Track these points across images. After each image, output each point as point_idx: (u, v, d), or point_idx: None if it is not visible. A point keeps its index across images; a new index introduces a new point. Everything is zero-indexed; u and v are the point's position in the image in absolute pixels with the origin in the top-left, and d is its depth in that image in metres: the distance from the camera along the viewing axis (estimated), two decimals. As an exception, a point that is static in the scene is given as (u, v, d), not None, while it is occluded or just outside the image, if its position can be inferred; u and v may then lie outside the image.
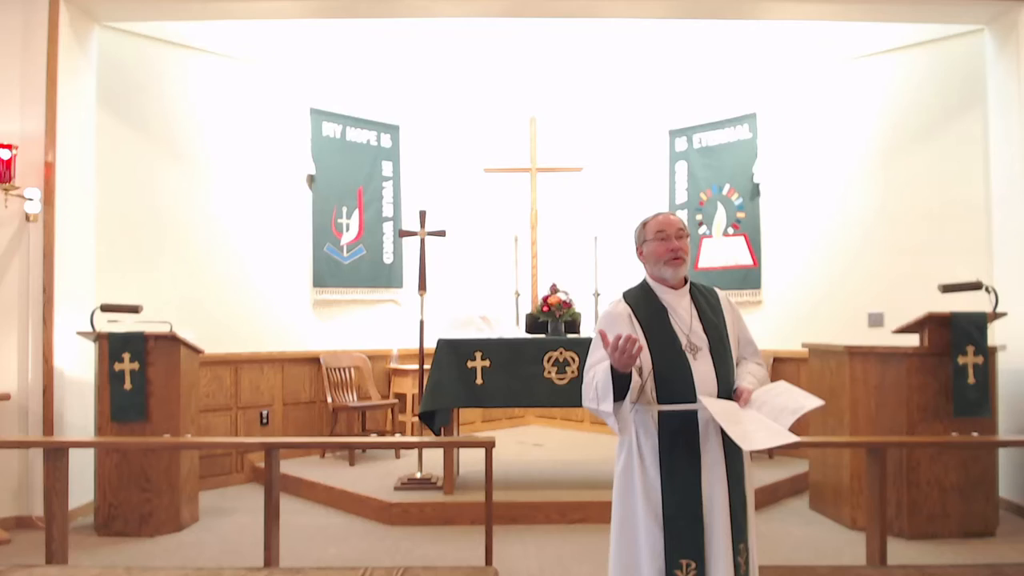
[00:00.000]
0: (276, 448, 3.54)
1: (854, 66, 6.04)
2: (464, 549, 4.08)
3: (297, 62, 6.36)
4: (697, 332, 2.34)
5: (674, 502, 2.25)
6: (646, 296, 2.42)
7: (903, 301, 5.36)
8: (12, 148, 4.49)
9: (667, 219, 2.41)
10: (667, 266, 2.37)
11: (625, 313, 2.37)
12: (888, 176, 5.85)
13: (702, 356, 2.31)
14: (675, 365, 2.29)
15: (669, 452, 2.28)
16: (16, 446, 4.44)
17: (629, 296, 2.43)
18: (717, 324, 2.38)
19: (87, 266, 5.01)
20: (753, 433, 2.16)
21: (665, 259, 2.37)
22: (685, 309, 2.38)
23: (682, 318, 2.36)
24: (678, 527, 2.25)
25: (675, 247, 2.36)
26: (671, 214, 2.46)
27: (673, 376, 2.28)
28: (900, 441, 4.18)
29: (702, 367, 2.29)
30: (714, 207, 6.80)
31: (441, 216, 6.66)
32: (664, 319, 2.35)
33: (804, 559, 3.88)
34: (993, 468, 4.41)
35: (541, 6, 5.10)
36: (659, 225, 2.40)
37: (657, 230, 2.39)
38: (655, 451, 2.28)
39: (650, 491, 2.28)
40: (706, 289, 2.48)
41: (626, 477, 2.34)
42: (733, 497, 2.30)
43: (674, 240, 2.36)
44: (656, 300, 2.39)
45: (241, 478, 5.82)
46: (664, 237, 2.37)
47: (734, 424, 2.16)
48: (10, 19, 4.67)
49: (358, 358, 6.61)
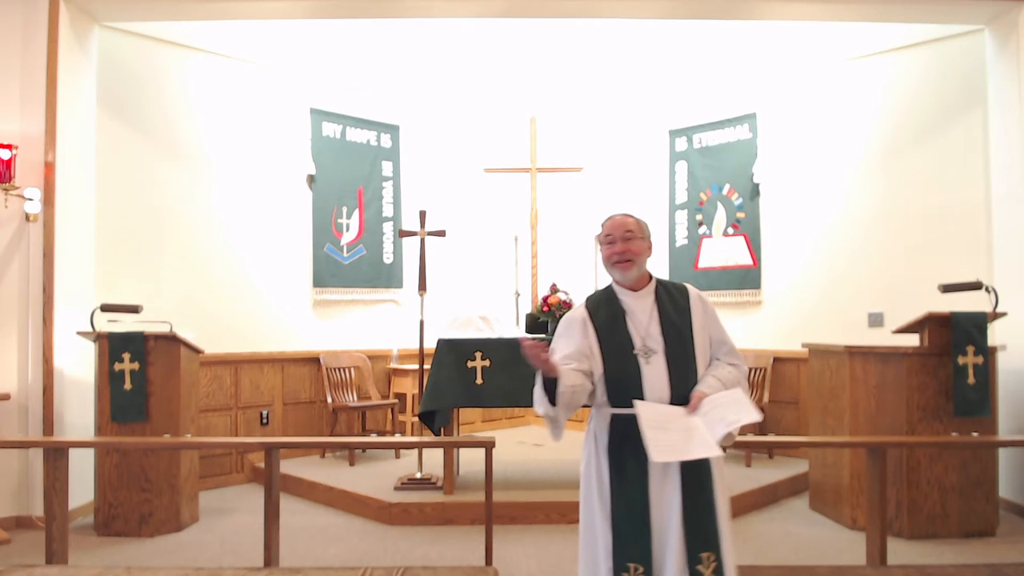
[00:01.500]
0: (276, 448, 3.54)
1: (854, 66, 6.04)
2: (464, 549, 4.08)
3: (297, 62, 6.36)
4: (653, 335, 2.33)
5: (622, 504, 2.26)
6: (607, 300, 2.43)
7: (903, 301, 5.37)
8: (12, 148, 4.49)
9: (614, 222, 2.41)
10: (614, 269, 2.39)
11: (580, 319, 2.40)
12: (888, 176, 5.85)
13: (656, 360, 2.30)
14: (625, 369, 2.30)
15: (619, 455, 2.30)
16: (16, 446, 4.43)
17: (590, 300, 2.46)
18: (679, 326, 2.35)
19: (87, 266, 5.01)
20: (674, 443, 2.15)
21: (611, 262, 2.39)
22: (645, 311, 2.37)
23: (639, 321, 2.36)
24: (625, 530, 2.25)
25: (618, 250, 2.36)
26: (622, 215, 2.44)
27: (623, 380, 2.30)
28: (900, 441, 4.18)
29: (654, 371, 2.29)
30: (714, 207, 6.80)
31: (441, 216, 6.66)
32: (619, 323, 2.36)
33: (804, 559, 3.88)
34: (993, 468, 4.40)
35: (541, 6, 5.10)
36: (607, 229, 2.41)
37: (605, 234, 2.41)
38: (606, 451, 2.32)
39: (603, 491, 2.31)
40: (676, 288, 2.45)
41: (587, 475, 2.37)
42: (691, 504, 2.24)
43: (619, 243, 2.36)
44: (615, 303, 2.40)
45: (241, 478, 5.82)
46: (611, 240, 2.38)
47: (657, 431, 2.16)
48: (10, 19, 4.67)
49: (358, 358, 6.61)
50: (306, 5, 5.08)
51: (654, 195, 7.18)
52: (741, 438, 5.73)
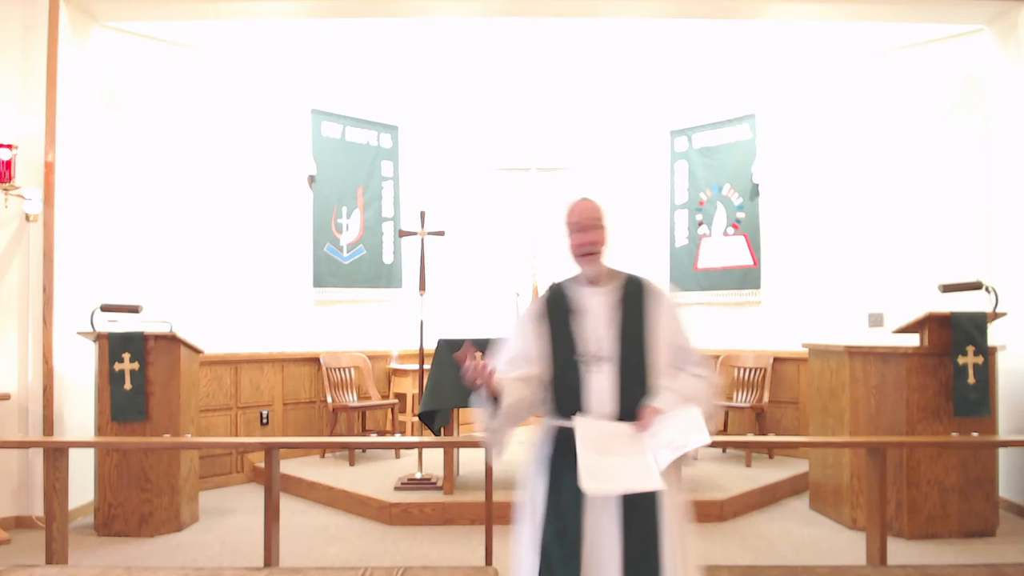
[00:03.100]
0: (276, 448, 3.54)
1: (854, 66, 6.04)
2: (464, 549, 4.08)
3: (297, 62, 6.35)
4: (606, 340, 2.05)
5: (553, 529, 2.01)
6: (565, 293, 2.16)
7: (903, 301, 5.37)
8: (12, 148, 4.49)
9: (580, 207, 2.11)
10: (578, 261, 2.12)
11: (539, 312, 2.14)
12: (888, 176, 5.85)
13: (605, 369, 2.02)
14: (567, 377, 2.04)
15: (556, 471, 2.04)
16: (16, 446, 4.44)
17: (552, 290, 2.19)
18: (638, 331, 2.06)
19: (87, 266, 5.01)
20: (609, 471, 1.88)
21: (575, 254, 2.11)
22: (602, 311, 2.09)
23: (594, 322, 2.07)
24: (553, 557, 1.99)
25: (589, 240, 2.08)
26: (586, 200, 2.13)
27: (564, 390, 2.05)
28: (900, 441, 4.17)
29: (601, 381, 2.01)
30: (714, 207, 6.80)
31: (441, 216, 6.65)
32: (569, 323, 2.09)
33: (804, 559, 3.88)
34: (993, 468, 4.40)
35: (541, 6, 5.10)
36: (571, 215, 2.11)
37: (570, 221, 2.11)
38: (546, 468, 2.09)
39: (536, 511, 2.07)
40: (645, 286, 2.15)
41: (522, 490, 2.15)
42: (632, 539, 1.95)
43: (590, 231, 2.08)
44: (571, 299, 2.13)
45: (241, 478, 5.82)
46: (579, 228, 2.09)
47: (592, 454, 1.90)
48: (10, 19, 4.67)
49: (358, 358, 6.60)
50: (306, 5, 5.08)
51: (654, 195, 7.18)
52: (741, 438, 5.77)
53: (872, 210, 5.92)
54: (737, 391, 6.37)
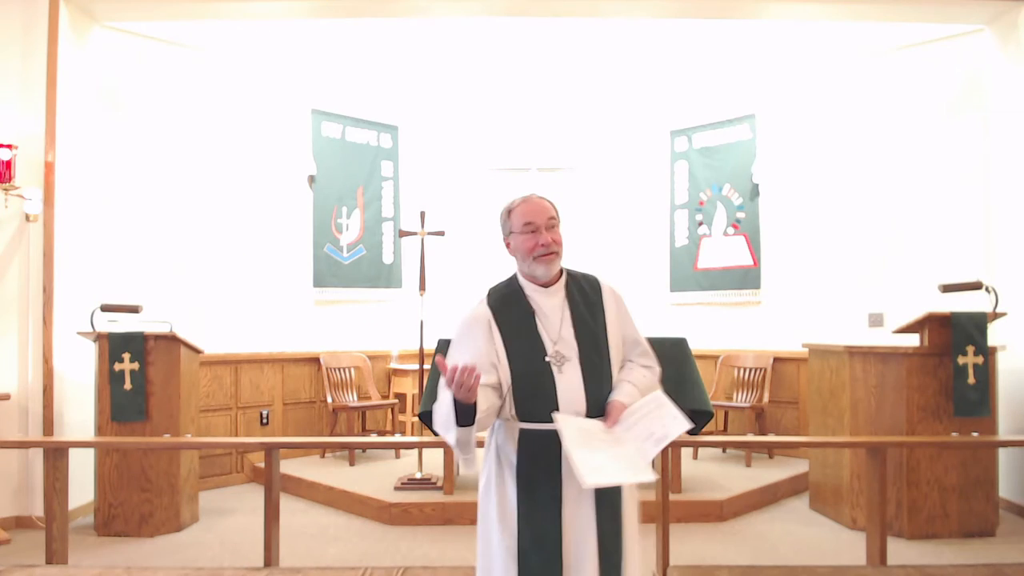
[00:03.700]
0: (276, 448, 3.54)
1: (854, 66, 6.04)
2: (464, 549, 4.07)
3: (297, 62, 6.35)
4: (566, 339, 2.02)
5: (530, 535, 1.95)
6: (513, 296, 2.08)
7: (903, 301, 5.37)
8: (12, 148, 4.49)
9: (534, 206, 2.07)
10: (537, 263, 2.04)
11: (485, 319, 2.04)
12: (888, 176, 5.85)
13: (570, 367, 1.99)
14: (536, 379, 1.98)
15: (528, 477, 1.99)
16: (16, 446, 4.44)
17: (494, 296, 2.10)
18: (593, 327, 2.05)
19: (87, 266, 5.01)
20: (603, 465, 1.86)
21: (535, 255, 2.03)
22: (555, 311, 2.05)
23: (551, 322, 2.03)
24: (532, 564, 1.94)
25: (546, 241, 2.03)
26: (539, 198, 2.10)
27: (534, 392, 1.99)
28: (900, 441, 4.18)
29: (568, 380, 1.98)
30: (714, 207, 6.80)
31: (441, 216, 6.65)
32: (529, 325, 2.03)
33: (804, 559, 3.88)
34: (993, 468, 4.41)
35: (541, 6, 5.10)
36: (525, 215, 2.05)
37: (524, 221, 2.05)
38: (514, 473, 2.00)
39: (508, 519, 1.99)
40: (587, 281, 2.13)
41: (486, 500, 2.05)
42: (606, 533, 1.97)
43: (544, 232, 2.03)
44: (524, 301, 2.06)
45: (241, 478, 5.82)
46: (533, 229, 2.03)
47: (584, 451, 1.87)
48: (10, 19, 4.67)
49: (358, 358, 6.61)
50: (306, 5, 5.08)
51: (654, 195, 7.18)
52: (741, 438, 5.77)
53: (872, 210, 5.92)
54: (737, 391, 6.37)
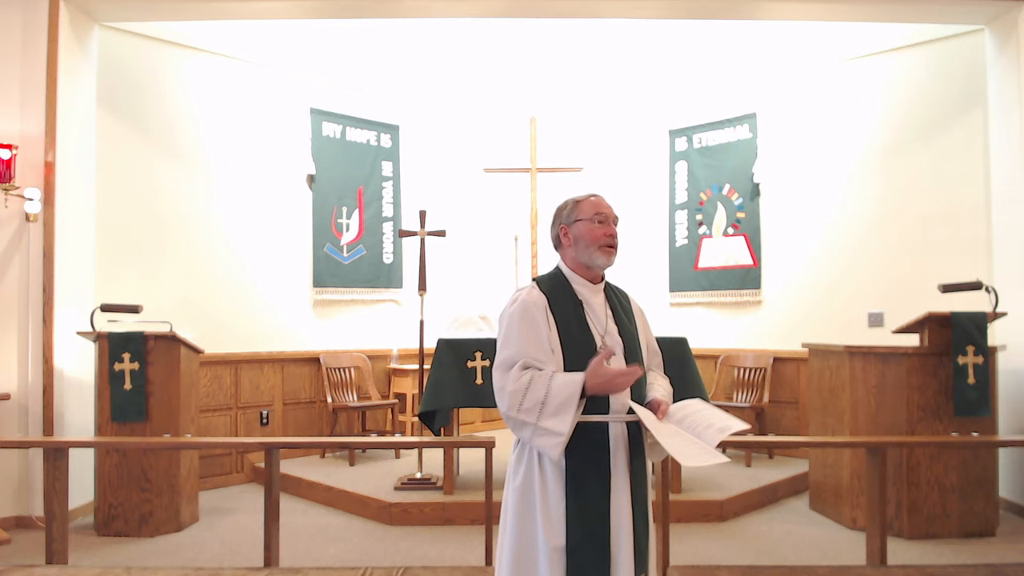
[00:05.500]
0: (276, 448, 3.53)
1: (854, 66, 6.04)
2: (464, 549, 4.08)
3: (297, 62, 6.35)
4: (612, 334, 2.09)
5: (580, 529, 1.95)
6: (563, 286, 2.13)
7: (903, 301, 5.37)
8: (12, 148, 4.49)
9: (602, 201, 2.17)
10: (600, 252, 2.10)
11: (542, 304, 2.06)
12: (888, 176, 5.85)
13: (615, 361, 2.04)
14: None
15: (577, 471, 1.98)
16: (16, 446, 4.43)
17: (543, 284, 2.13)
18: (630, 327, 2.15)
19: (87, 266, 5.01)
20: (683, 447, 1.92)
21: (601, 243, 2.10)
22: (600, 307, 2.12)
23: (598, 316, 2.10)
24: (583, 559, 1.95)
25: (614, 232, 2.12)
26: (602, 196, 2.22)
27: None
28: (900, 441, 4.17)
29: None
30: (714, 207, 6.80)
31: (441, 216, 6.66)
32: (581, 316, 2.07)
33: (804, 559, 3.89)
34: (993, 468, 4.41)
35: (541, 6, 5.09)
36: (597, 205, 2.15)
37: (596, 211, 2.13)
38: (561, 469, 2.00)
39: (552, 515, 1.98)
40: (619, 290, 2.25)
41: (525, 496, 2.02)
42: (637, 524, 2.02)
43: (612, 225, 2.13)
44: (572, 293, 2.11)
45: (241, 478, 5.82)
46: (603, 220, 2.12)
47: (668, 437, 1.93)
48: (10, 19, 4.67)
49: (358, 358, 6.60)
50: (306, 5, 5.08)
51: (654, 195, 7.18)
52: (740, 438, 5.76)
53: (872, 210, 5.92)
54: (737, 391, 6.37)
